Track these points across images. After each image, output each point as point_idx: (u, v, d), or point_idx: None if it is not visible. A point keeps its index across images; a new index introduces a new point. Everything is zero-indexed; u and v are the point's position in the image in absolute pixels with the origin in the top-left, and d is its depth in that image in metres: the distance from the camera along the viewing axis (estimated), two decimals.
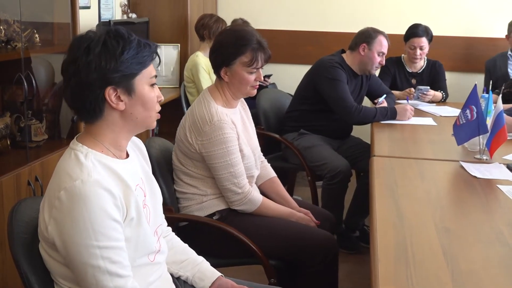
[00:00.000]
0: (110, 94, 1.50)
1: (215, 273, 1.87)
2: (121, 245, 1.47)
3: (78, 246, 1.41)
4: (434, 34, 4.40)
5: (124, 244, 1.49)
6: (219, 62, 2.41)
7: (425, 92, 4.18)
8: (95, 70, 1.47)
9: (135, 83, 1.53)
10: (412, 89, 4.24)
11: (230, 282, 1.87)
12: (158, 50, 1.62)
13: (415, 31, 4.30)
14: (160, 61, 1.63)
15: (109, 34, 1.51)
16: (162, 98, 1.63)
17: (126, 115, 1.55)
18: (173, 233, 1.93)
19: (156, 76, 1.60)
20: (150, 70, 1.57)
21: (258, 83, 2.41)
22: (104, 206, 1.42)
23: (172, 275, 1.82)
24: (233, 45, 2.38)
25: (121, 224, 1.47)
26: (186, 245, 1.94)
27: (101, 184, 1.43)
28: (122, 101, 1.52)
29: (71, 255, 1.43)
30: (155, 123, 1.63)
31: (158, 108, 1.61)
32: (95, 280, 1.43)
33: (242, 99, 2.58)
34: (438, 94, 4.31)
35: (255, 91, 2.44)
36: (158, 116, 1.62)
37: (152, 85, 1.58)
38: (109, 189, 1.44)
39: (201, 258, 1.91)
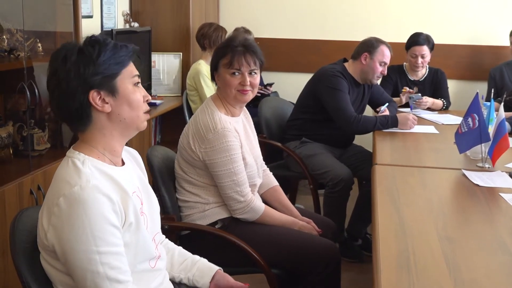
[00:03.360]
0: (94, 97, 1.51)
1: (212, 268, 1.89)
2: (120, 250, 1.47)
3: (77, 252, 1.42)
4: (436, 42, 4.42)
5: (123, 249, 1.49)
6: (211, 68, 2.47)
7: (417, 100, 4.18)
8: (75, 77, 1.49)
9: (117, 83, 1.54)
10: (406, 88, 4.24)
11: (227, 277, 1.89)
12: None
13: (416, 39, 4.32)
14: (142, 62, 1.64)
15: (84, 42, 1.53)
16: (149, 97, 1.63)
17: (114, 117, 1.55)
18: (167, 239, 1.94)
19: (138, 76, 1.60)
20: (130, 69, 1.57)
21: (246, 88, 2.39)
22: (102, 211, 1.43)
23: (173, 282, 1.82)
24: (218, 49, 2.45)
25: (119, 229, 1.48)
26: (181, 247, 1.95)
27: (99, 189, 1.44)
28: (107, 103, 1.53)
29: (70, 261, 1.44)
30: (145, 124, 1.63)
31: (146, 108, 1.62)
32: (95, 285, 1.44)
33: (245, 108, 2.59)
34: (438, 102, 4.31)
35: (246, 97, 2.42)
36: (147, 116, 1.63)
37: (136, 84, 1.58)
38: (108, 194, 1.45)
39: (198, 257, 1.92)
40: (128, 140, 1.67)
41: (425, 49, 4.30)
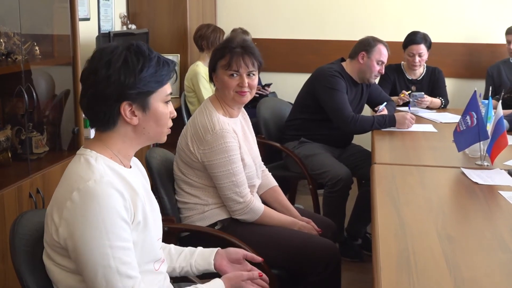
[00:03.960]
0: (125, 109, 1.53)
1: (213, 250, 1.91)
2: (130, 246, 1.49)
3: (90, 246, 1.43)
4: (434, 41, 4.42)
5: (132, 245, 1.51)
6: (210, 69, 2.46)
7: (419, 98, 4.20)
8: (114, 84, 1.50)
9: (150, 100, 1.56)
10: (405, 91, 4.25)
11: (231, 250, 1.91)
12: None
13: (414, 38, 4.32)
14: (176, 79, 1.66)
15: (130, 49, 1.54)
16: (175, 114, 1.66)
17: (139, 130, 1.58)
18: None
19: (171, 93, 1.63)
20: (166, 89, 1.60)
21: (244, 89, 2.39)
22: (115, 206, 1.45)
23: (173, 277, 1.83)
24: (216, 50, 2.44)
25: (129, 225, 1.50)
26: (173, 244, 1.96)
27: (113, 185, 1.46)
28: (136, 116, 1.56)
29: (81, 255, 1.44)
30: (165, 138, 1.66)
31: (170, 124, 1.65)
32: (105, 280, 1.44)
33: (243, 109, 2.59)
34: (436, 101, 4.32)
35: (244, 98, 2.42)
36: (169, 131, 1.66)
37: (167, 102, 1.61)
38: (120, 190, 1.47)
39: (194, 248, 1.94)
40: None
41: (422, 48, 4.30)
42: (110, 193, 1.45)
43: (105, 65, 1.51)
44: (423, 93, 4.25)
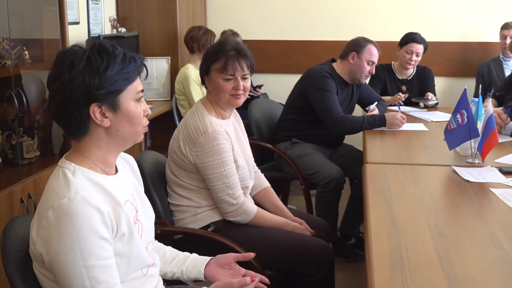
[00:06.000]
0: (95, 111, 1.48)
1: (205, 258, 1.88)
2: (108, 263, 1.45)
3: (64, 265, 1.40)
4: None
5: (113, 261, 1.47)
6: (202, 72, 2.45)
7: (429, 98, 4.25)
8: (79, 86, 1.44)
9: (120, 99, 1.50)
10: (401, 94, 4.27)
11: (224, 256, 1.87)
12: (147, 62, 1.60)
13: (414, 36, 4.34)
14: (147, 74, 1.61)
15: (93, 49, 1.48)
16: (150, 112, 1.60)
17: (112, 131, 1.53)
18: (156, 240, 1.93)
19: (142, 91, 1.57)
20: (136, 85, 1.53)
21: (239, 92, 2.39)
22: (91, 223, 1.40)
23: (165, 280, 1.81)
24: (209, 53, 2.43)
25: (109, 241, 1.45)
26: (171, 247, 1.94)
27: (88, 201, 1.41)
28: (107, 117, 1.50)
29: (57, 273, 1.42)
30: (142, 137, 1.61)
31: (146, 122, 1.60)
32: None
33: (235, 110, 2.58)
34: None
35: (239, 101, 2.42)
36: (146, 129, 1.61)
37: (139, 99, 1.55)
38: (97, 206, 1.42)
39: (189, 253, 1.92)
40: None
41: (421, 48, 4.33)
42: (85, 210, 1.40)
43: (68, 67, 1.45)
44: (428, 97, 4.31)
